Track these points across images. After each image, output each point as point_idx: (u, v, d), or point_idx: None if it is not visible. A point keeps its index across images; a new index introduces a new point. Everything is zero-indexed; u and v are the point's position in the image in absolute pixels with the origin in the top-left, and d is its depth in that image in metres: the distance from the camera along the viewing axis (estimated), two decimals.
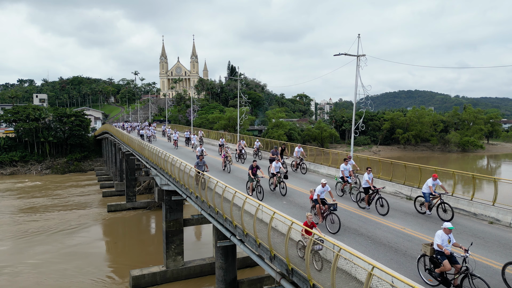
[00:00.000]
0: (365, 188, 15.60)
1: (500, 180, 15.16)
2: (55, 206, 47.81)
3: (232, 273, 19.29)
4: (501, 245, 11.61)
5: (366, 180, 15.49)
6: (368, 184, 15.41)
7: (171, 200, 25.00)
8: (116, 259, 29.96)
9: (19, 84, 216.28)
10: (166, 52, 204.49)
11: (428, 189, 14.38)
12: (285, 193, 17.86)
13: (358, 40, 20.93)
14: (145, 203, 45.95)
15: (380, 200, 14.91)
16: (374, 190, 15.23)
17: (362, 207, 15.74)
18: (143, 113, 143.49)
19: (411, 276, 9.20)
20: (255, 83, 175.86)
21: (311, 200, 14.11)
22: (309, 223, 10.34)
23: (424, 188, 14.71)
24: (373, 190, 15.25)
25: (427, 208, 14.64)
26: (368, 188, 15.49)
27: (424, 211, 14.87)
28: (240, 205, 13.77)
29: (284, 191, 17.95)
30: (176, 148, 40.15)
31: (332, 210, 12.85)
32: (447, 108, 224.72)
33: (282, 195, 17.91)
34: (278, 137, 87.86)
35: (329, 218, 12.89)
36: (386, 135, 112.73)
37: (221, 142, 34.35)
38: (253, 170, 17.61)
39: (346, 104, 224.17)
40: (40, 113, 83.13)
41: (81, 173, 78.21)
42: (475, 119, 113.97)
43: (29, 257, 30.21)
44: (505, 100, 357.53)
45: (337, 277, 8.41)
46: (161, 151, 25.73)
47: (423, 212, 14.91)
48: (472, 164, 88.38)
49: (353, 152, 22.73)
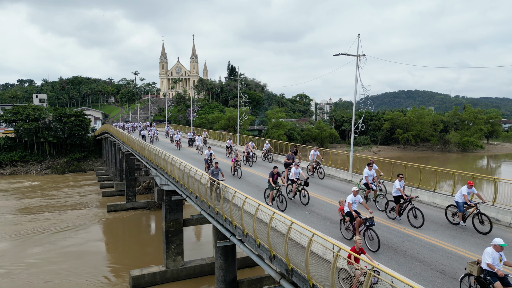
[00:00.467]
0: (396, 196, 14.12)
1: (500, 180, 15.17)
2: (54, 206, 47.77)
3: (232, 273, 19.28)
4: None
5: (397, 188, 14.00)
6: (400, 193, 13.94)
7: (171, 200, 25.00)
8: (116, 259, 29.95)
9: (19, 84, 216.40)
10: (166, 52, 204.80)
11: (462, 198, 13.15)
12: (307, 202, 16.04)
13: (358, 40, 20.92)
14: (145, 203, 45.94)
15: (413, 211, 13.48)
16: (407, 199, 13.77)
17: (392, 217, 14.30)
18: (143, 113, 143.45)
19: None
20: (255, 83, 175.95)
21: (340, 213, 12.40)
22: (357, 248, 8.84)
23: (457, 196, 13.47)
24: (405, 199, 13.81)
25: (461, 219, 13.36)
26: (399, 197, 14.02)
27: (457, 222, 13.56)
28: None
29: (305, 200, 16.14)
30: (178, 149, 38.44)
31: (369, 226, 11.29)
32: (447, 108, 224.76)
33: (303, 204, 16.13)
34: (278, 137, 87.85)
35: (366, 235, 11.41)
36: (386, 135, 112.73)
37: (228, 144, 32.52)
38: (273, 177, 15.86)
39: (346, 104, 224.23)
40: (40, 113, 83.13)
41: (81, 173, 78.19)
42: (475, 119, 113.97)
43: (27, 257, 30.16)
44: (505, 100, 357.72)
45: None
46: (161, 151, 25.68)
47: (456, 223, 13.60)
48: (472, 164, 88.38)
49: (352, 152, 22.68)
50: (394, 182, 14.30)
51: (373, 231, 11.22)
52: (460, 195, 13.28)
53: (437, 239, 12.16)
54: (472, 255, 10.51)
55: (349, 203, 11.88)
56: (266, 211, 11.85)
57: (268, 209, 11.79)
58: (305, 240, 9.91)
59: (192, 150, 38.64)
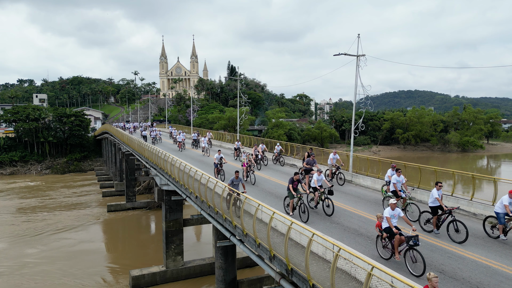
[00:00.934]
0: (433, 207, 12.57)
1: (500, 180, 15.14)
2: (54, 206, 47.77)
3: (231, 273, 19.27)
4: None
5: (435, 198, 12.42)
6: (438, 203, 12.38)
7: (171, 200, 25.00)
8: (115, 259, 29.95)
9: (19, 84, 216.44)
10: (166, 52, 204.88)
11: (503, 208, 11.84)
12: (332, 213, 14.61)
13: (358, 40, 20.91)
14: (145, 203, 45.94)
15: (454, 224, 11.96)
16: (446, 210, 12.27)
17: (428, 230, 12.78)
18: (143, 113, 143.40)
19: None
20: (255, 83, 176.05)
21: (377, 229, 11.14)
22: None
23: (497, 207, 12.08)
24: (445, 210, 12.31)
25: (501, 232, 11.96)
26: (437, 208, 12.49)
27: (497, 235, 12.14)
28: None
29: (330, 210, 14.66)
30: (181, 150, 37.08)
31: (413, 245, 9.83)
32: (447, 108, 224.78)
33: (326, 215, 14.69)
34: (278, 137, 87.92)
35: (408, 255, 9.88)
36: (386, 135, 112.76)
37: (237, 146, 30.72)
38: (293, 184, 14.57)
39: (346, 104, 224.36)
40: (40, 113, 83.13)
41: (81, 173, 78.20)
42: (475, 119, 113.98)
43: (25, 257, 30.16)
44: (505, 100, 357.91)
45: None
46: (161, 151, 25.66)
47: (495, 236, 12.19)
48: (472, 164, 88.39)
49: (352, 152, 22.68)
50: (432, 191, 12.77)
51: (417, 251, 9.71)
52: (500, 205, 11.96)
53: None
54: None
55: (388, 218, 10.55)
56: (266, 211, 11.73)
57: (267, 209, 11.62)
58: (305, 240, 9.90)
59: (196, 151, 37.26)
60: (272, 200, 17.18)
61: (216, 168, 22.21)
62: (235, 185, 15.48)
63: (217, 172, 22.07)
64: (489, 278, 9.42)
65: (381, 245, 10.89)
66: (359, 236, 12.49)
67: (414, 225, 10.83)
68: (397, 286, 6.82)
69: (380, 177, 20.07)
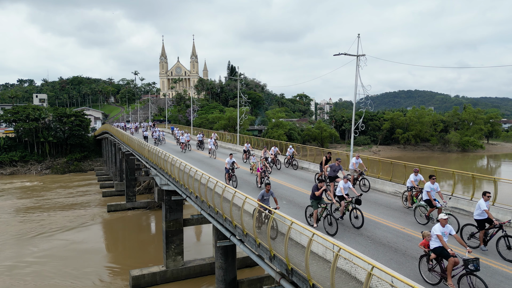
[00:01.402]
0: (479, 220, 11.03)
1: (500, 180, 15.15)
2: (54, 206, 47.77)
3: (232, 273, 19.27)
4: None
5: (483, 210, 10.88)
6: (486, 215, 10.85)
7: (171, 200, 25.01)
8: (115, 259, 29.96)
9: (19, 84, 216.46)
10: (166, 52, 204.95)
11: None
12: (361, 225, 12.99)
13: (358, 40, 20.93)
14: (145, 203, 45.94)
15: (506, 240, 10.52)
16: (496, 225, 10.77)
17: (474, 246, 11.14)
18: (143, 113, 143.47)
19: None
20: (255, 83, 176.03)
21: (423, 247, 9.60)
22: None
23: None
24: (494, 224, 10.81)
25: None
26: (484, 221, 10.95)
27: None
28: None
29: (358, 223, 13.08)
30: (184, 151, 35.94)
31: (472, 270, 8.34)
32: (447, 108, 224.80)
33: (354, 227, 13.14)
34: (278, 137, 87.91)
35: (467, 282, 8.42)
36: (386, 135, 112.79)
37: (246, 148, 28.88)
38: (318, 193, 13.24)
39: (346, 104, 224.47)
40: (40, 113, 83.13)
41: (81, 173, 78.20)
42: (475, 119, 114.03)
43: (26, 256, 30.18)
44: (505, 100, 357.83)
45: None
46: (161, 151, 25.67)
47: None
48: (472, 164, 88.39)
49: (352, 152, 22.67)
50: (479, 202, 11.12)
51: (478, 278, 8.28)
52: None
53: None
54: None
55: (440, 236, 9.02)
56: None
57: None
58: (305, 240, 9.90)
59: (201, 153, 35.91)
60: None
61: (228, 173, 20.34)
62: (266, 200, 13.38)
63: (228, 178, 20.26)
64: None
65: (427, 267, 9.41)
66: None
67: (468, 246, 9.47)
68: (397, 286, 6.82)
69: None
